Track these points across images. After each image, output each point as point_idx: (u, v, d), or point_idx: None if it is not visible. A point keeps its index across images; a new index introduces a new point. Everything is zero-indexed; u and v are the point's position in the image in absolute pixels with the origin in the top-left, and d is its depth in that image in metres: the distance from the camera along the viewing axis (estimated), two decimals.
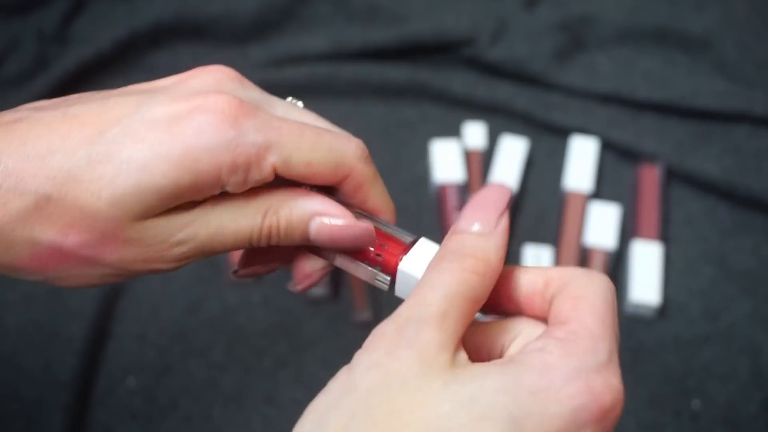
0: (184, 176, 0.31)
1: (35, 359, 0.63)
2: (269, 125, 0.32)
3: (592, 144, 0.73)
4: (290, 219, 0.34)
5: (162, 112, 0.31)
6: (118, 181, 0.30)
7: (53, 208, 0.31)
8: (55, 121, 0.32)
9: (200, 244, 0.33)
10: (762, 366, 0.62)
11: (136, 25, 0.80)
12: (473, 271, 0.29)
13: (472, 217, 0.31)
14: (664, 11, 0.81)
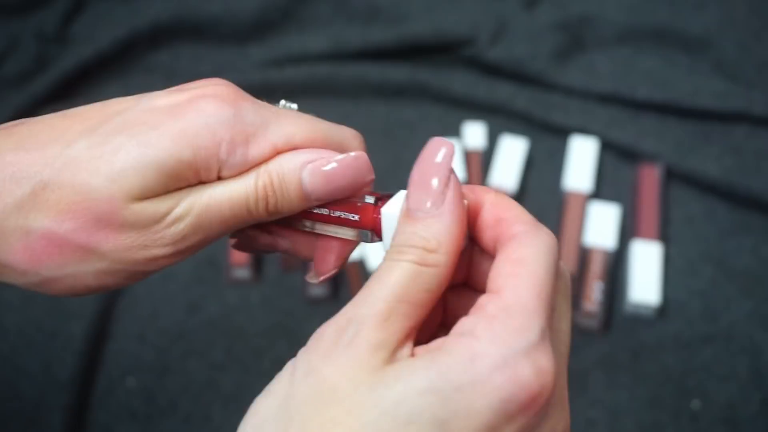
0: (184, 151, 0.31)
1: (35, 359, 0.63)
2: (268, 109, 0.33)
3: (591, 144, 0.73)
4: (282, 172, 0.33)
5: (162, 102, 0.32)
6: (118, 156, 0.31)
7: (49, 194, 0.30)
8: (56, 119, 0.32)
9: (197, 218, 0.32)
10: (761, 366, 0.62)
11: (136, 25, 0.80)
12: (424, 262, 0.28)
13: (417, 196, 0.29)
14: (663, 11, 0.81)
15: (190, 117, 0.31)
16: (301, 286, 0.67)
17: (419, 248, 0.28)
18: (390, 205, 0.32)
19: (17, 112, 0.76)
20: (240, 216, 0.33)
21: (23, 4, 0.84)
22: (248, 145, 0.32)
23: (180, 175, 0.31)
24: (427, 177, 0.29)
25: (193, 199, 0.32)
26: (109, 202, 0.30)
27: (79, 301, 0.66)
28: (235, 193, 0.33)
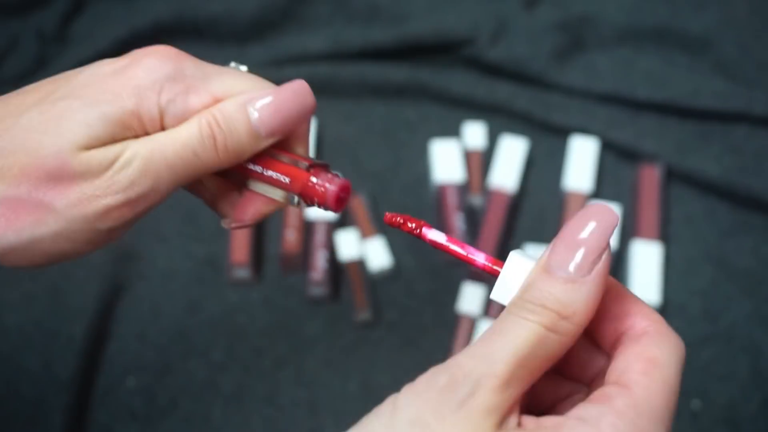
0: (126, 101, 0.33)
1: (35, 359, 0.63)
2: (210, 66, 0.35)
3: (592, 144, 0.73)
4: (226, 110, 0.34)
5: (108, 68, 0.34)
6: (65, 114, 0.32)
7: (3, 162, 0.32)
8: (10, 97, 0.34)
9: (143, 163, 0.33)
10: (762, 366, 0.62)
11: (135, 24, 0.80)
12: (554, 329, 0.27)
13: (563, 255, 0.27)
14: (663, 11, 0.81)
15: (132, 72, 0.33)
16: (301, 286, 0.67)
17: (553, 312, 0.27)
18: (522, 254, 0.30)
19: None
20: (187, 159, 0.33)
21: (23, 4, 0.84)
22: (188, 95, 0.34)
23: (124, 123, 0.33)
24: (581, 240, 0.27)
25: (139, 145, 0.33)
26: (58, 155, 0.32)
27: (79, 301, 0.66)
28: (179, 134, 0.33)
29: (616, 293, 0.29)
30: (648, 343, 0.27)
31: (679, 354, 0.28)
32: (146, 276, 0.68)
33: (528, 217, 0.71)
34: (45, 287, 0.67)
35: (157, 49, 0.35)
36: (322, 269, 0.66)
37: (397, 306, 0.67)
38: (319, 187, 0.34)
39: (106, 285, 0.67)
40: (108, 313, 0.66)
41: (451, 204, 0.69)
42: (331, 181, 0.34)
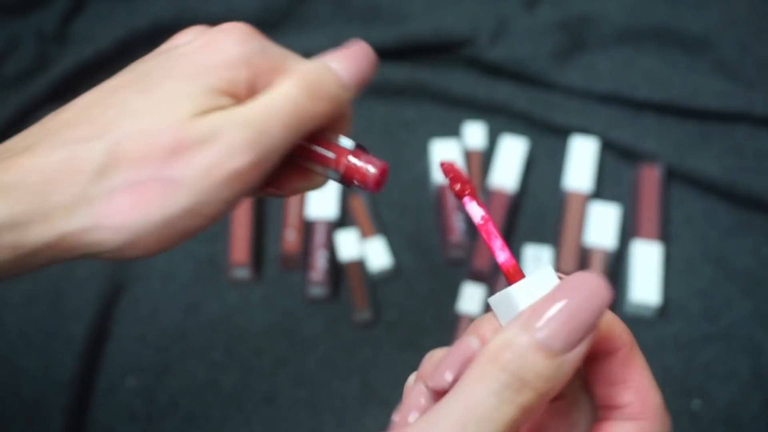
0: (222, 73, 0.33)
1: (35, 359, 0.63)
2: (284, 49, 0.37)
3: (592, 144, 0.73)
4: (309, 68, 0.36)
5: (190, 46, 0.35)
6: (171, 91, 0.33)
7: (122, 149, 0.31)
8: (104, 91, 0.34)
9: (258, 123, 0.33)
10: (762, 366, 0.62)
11: (135, 24, 0.80)
12: (529, 407, 0.25)
13: (550, 324, 0.25)
14: (664, 11, 0.81)
15: (219, 46, 0.35)
16: (301, 286, 0.67)
17: (532, 390, 0.25)
18: (530, 285, 0.28)
19: (17, 112, 0.76)
20: (294, 113, 0.34)
21: (23, 4, 0.84)
22: (273, 72, 0.35)
23: (224, 93, 0.33)
24: (578, 317, 0.25)
25: (248, 108, 0.33)
26: (172, 128, 0.32)
27: (79, 301, 0.66)
28: (280, 92, 0.34)
29: (625, 359, 0.30)
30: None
31: None
32: (146, 276, 0.68)
33: (528, 217, 0.71)
34: (45, 287, 0.67)
35: (238, 25, 0.36)
36: (322, 269, 0.66)
37: (397, 306, 0.67)
38: (361, 167, 0.36)
39: (105, 285, 0.67)
40: (108, 313, 0.66)
41: (451, 204, 0.69)
42: (371, 162, 0.36)
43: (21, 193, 0.31)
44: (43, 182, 0.31)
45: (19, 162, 0.31)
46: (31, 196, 0.31)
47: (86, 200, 0.31)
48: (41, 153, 0.32)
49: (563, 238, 0.68)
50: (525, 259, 0.66)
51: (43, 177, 0.31)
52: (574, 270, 0.66)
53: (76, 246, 0.32)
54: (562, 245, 0.67)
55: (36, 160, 0.31)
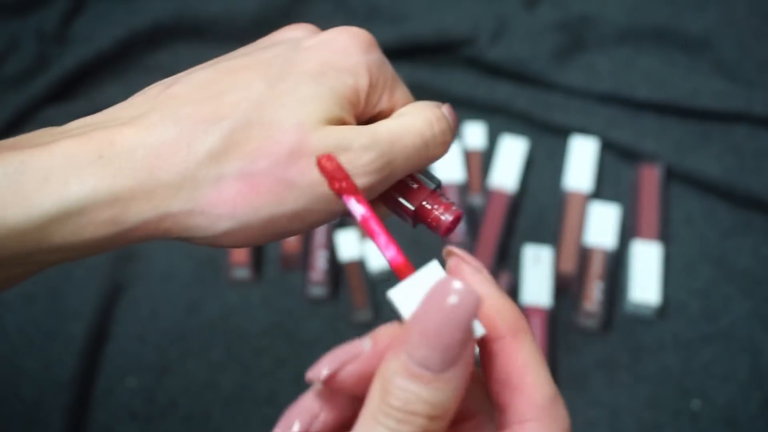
0: (348, 79, 0.32)
1: (35, 359, 0.63)
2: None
3: (592, 144, 0.73)
4: (441, 115, 0.35)
5: (312, 42, 0.34)
6: (298, 89, 0.31)
7: (239, 136, 0.30)
8: (220, 70, 0.33)
9: (386, 147, 0.31)
10: (762, 366, 0.62)
11: (135, 25, 0.80)
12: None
13: (425, 350, 0.24)
14: (663, 11, 0.81)
15: (349, 50, 0.33)
16: (301, 286, 0.67)
17: (424, 417, 0.24)
18: (416, 282, 0.27)
19: (17, 112, 0.76)
20: (419, 151, 0.33)
21: (23, 4, 0.84)
22: (387, 93, 0.34)
23: (349, 100, 0.32)
24: (446, 332, 0.23)
25: (377, 130, 0.32)
26: (298, 130, 0.30)
27: (79, 301, 0.66)
28: (413, 124, 0.33)
29: (509, 354, 0.26)
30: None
31: None
32: (146, 276, 0.68)
33: (528, 217, 0.71)
34: (45, 287, 0.67)
35: (361, 30, 0.35)
36: (321, 269, 0.66)
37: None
38: (437, 213, 0.34)
39: (105, 285, 0.67)
40: (107, 313, 0.66)
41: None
42: (448, 209, 0.34)
43: (125, 167, 0.29)
44: (150, 158, 0.29)
45: (125, 133, 0.30)
46: (136, 171, 0.29)
47: (194, 182, 0.30)
48: (151, 127, 0.30)
49: (563, 238, 0.68)
50: (525, 259, 0.66)
51: (151, 153, 0.29)
52: (573, 270, 0.66)
53: (173, 228, 0.30)
54: (562, 245, 0.67)
55: (144, 134, 0.30)
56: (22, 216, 0.28)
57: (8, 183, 0.28)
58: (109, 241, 0.30)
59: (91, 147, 0.29)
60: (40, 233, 0.28)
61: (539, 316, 0.63)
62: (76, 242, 0.29)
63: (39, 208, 0.28)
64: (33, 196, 0.28)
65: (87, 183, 0.29)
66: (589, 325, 0.64)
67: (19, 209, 0.28)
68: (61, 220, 0.28)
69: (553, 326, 0.64)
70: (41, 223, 0.28)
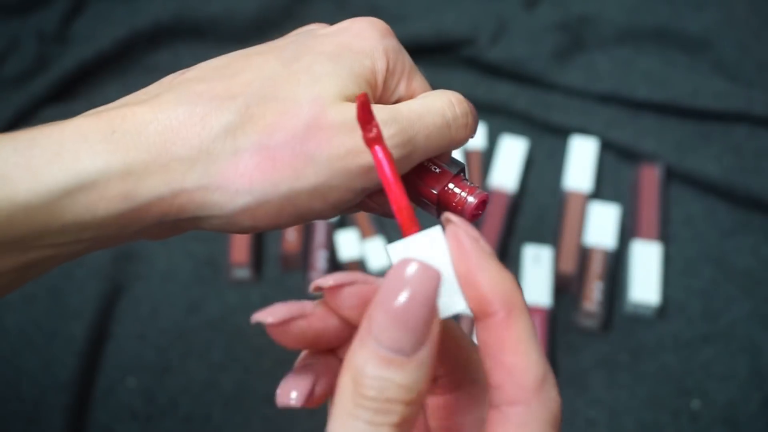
0: (365, 61, 0.32)
1: (35, 359, 0.63)
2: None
3: (591, 144, 0.73)
4: (464, 100, 0.35)
5: (327, 30, 0.34)
6: (314, 68, 0.31)
7: (254, 111, 0.30)
8: (231, 57, 0.32)
9: (406, 124, 0.31)
10: (761, 366, 0.62)
11: (135, 25, 0.80)
12: (404, 421, 0.23)
13: (394, 334, 0.23)
14: (663, 11, 0.81)
15: (362, 33, 0.34)
16: (301, 286, 0.67)
17: (401, 403, 0.23)
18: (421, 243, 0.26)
19: (17, 112, 0.76)
20: (441, 131, 0.33)
21: (23, 4, 0.84)
22: (405, 79, 0.34)
23: (367, 81, 0.32)
24: (411, 314, 0.23)
25: (398, 108, 0.32)
26: (315, 104, 0.30)
27: (79, 301, 0.66)
28: (434, 104, 0.33)
29: (492, 333, 0.25)
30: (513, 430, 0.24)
31: (552, 427, 0.24)
32: (146, 276, 0.68)
33: (528, 217, 0.71)
34: (45, 287, 0.67)
35: (376, 19, 0.35)
36: (321, 269, 0.66)
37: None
38: (460, 196, 0.33)
39: (105, 285, 0.67)
40: (108, 313, 0.66)
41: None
42: (472, 192, 0.33)
43: (138, 141, 0.28)
44: (163, 132, 0.29)
45: (137, 111, 0.29)
46: (149, 145, 0.28)
47: (210, 156, 0.29)
48: (164, 104, 0.29)
49: (563, 238, 0.68)
50: (525, 259, 0.66)
51: (165, 127, 0.29)
52: (573, 270, 0.66)
53: (188, 205, 0.29)
54: (562, 245, 0.67)
55: (158, 110, 0.29)
56: (32, 191, 0.27)
57: (17, 159, 0.27)
58: (121, 219, 0.29)
59: (103, 124, 0.29)
60: (51, 209, 0.27)
61: (539, 316, 0.63)
62: (88, 220, 0.28)
63: (49, 182, 0.27)
64: (43, 171, 0.27)
65: (99, 157, 0.28)
66: (589, 325, 0.64)
67: (29, 184, 0.27)
68: (72, 195, 0.28)
69: (553, 326, 0.64)
70: (52, 198, 0.27)
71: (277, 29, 0.82)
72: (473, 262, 0.25)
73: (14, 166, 0.27)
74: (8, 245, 0.27)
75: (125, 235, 0.30)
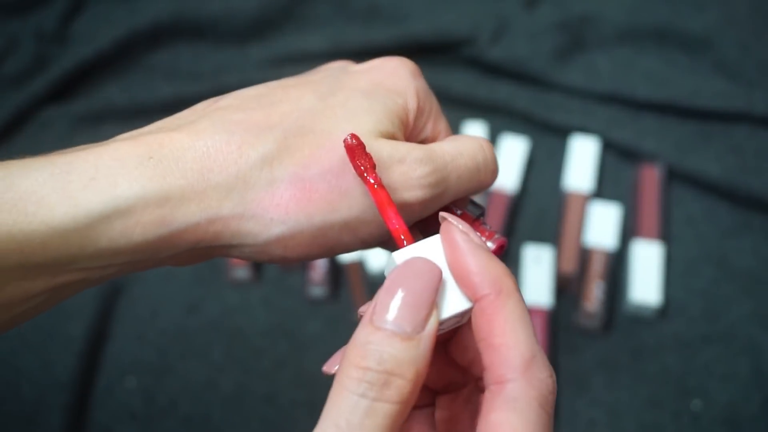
0: (398, 99, 0.33)
1: (35, 359, 0.63)
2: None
3: (592, 144, 0.73)
4: (488, 145, 0.35)
5: (359, 67, 0.35)
6: (349, 103, 0.31)
7: (291, 142, 0.30)
8: (263, 89, 0.33)
9: (439, 164, 0.32)
10: (762, 366, 0.62)
11: (135, 24, 0.80)
12: (400, 399, 0.24)
13: (397, 311, 0.25)
14: (664, 11, 0.81)
15: (399, 72, 0.34)
16: (301, 286, 0.67)
17: (400, 378, 0.25)
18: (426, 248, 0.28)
19: (17, 111, 0.76)
20: (471, 173, 0.33)
21: (22, 4, 0.84)
22: (433, 121, 0.34)
23: (400, 119, 0.32)
24: (418, 289, 0.26)
25: (428, 146, 0.32)
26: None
27: (79, 301, 0.66)
28: (465, 147, 0.33)
29: (485, 312, 0.27)
30: (504, 408, 0.25)
31: (542, 408, 0.25)
32: (146, 276, 0.68)
33: (528, 217, 0.71)
34: None
35: (406, 60, 0.35)
36: (321, 269, 0.66)
37: None
38: None
39: (105, 285, 0.66)
40: (107, 313, 0.66)
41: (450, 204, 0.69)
42: (490, 237, 0.34)
43: (176, 167, 0.29)
44: (201, 159, 0.29)
45: (175, 137, 0.29)
46: (186, 172, 0.29)
47: (246, 185, 0.29)
48: (202, 131, 0.30)
49: (563, 238, 0.68)
50: (525, 259, 0.66)
51: (202, 154, 0.29)
52: (573, 270, 0.66)
53: (223, 232, 0.30)
54: (563, 245, 0.67)
55: (195, 137, 0.29)
56: (69, 216, 0.27)
57: (54, 183, 0.27)
58: (155, 244, 0.29)
59: (141, 149, 0.29)
60: (87, 234, 0.27)
61: (539, 317, 0.63)
62: (123, 245, 0.28)
63: (86, 207, 0.27)
64: (79, 195, 0.27)
65: (136, 182, 0.28)
66: (589, 325, 0.64)
67: (65, 208, 0.27)
68: (108, 220, 0.28)
69: (554, 326, 0.64)
70: (88, 222, 0.27)
71: (277, 29, 0.82)
72: (463, 250, 0.27)
73: (51, 190, 0.27)
74: (41, 268, 0.28)
75: (155, 260, 0.30)
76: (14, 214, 0.26)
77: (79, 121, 0.76)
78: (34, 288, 0.29)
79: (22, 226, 0.27)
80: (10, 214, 0.26)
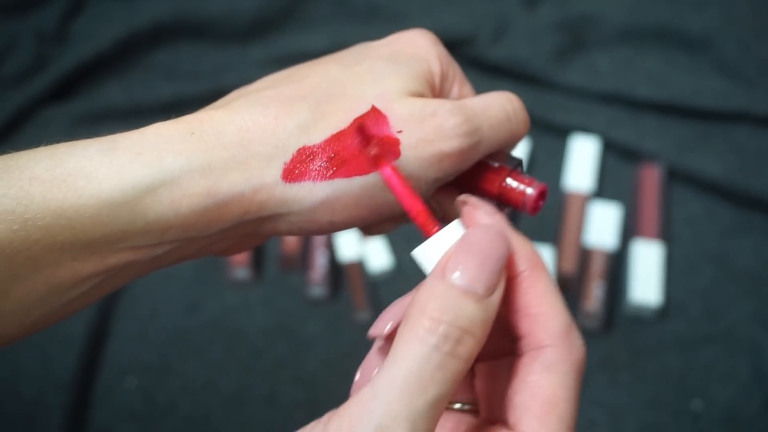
0: (423, 64, 0.33)
1: (34, 359, 0.63)
2: None
3: (592, 144, 0.73)
4: (517, 99, 0.37)
5: (381, 41, 0.35)
6: (375, 68, 0.32)
7: (324, 108, 0.31)
8: (292, 70, 0.34)
9: (471, 115, 0.32)
10: (763, 366, 0.62)
11: (135, 24, 0.80)
12: (468, 358, 0.25)
13: (468, 271, 0.26)
14: (664, 11, 0.81)
15: (415, 41, 0.35)
16: (300, 286, 0.67)
17: (471, 336, 0.25)
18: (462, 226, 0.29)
19: (17, 111, 0.76)
20: (503, 123, 0.34)
21: (22, 4, 0.84)
22: (456, 84, 0.36)
23: (427, 81, 0.33)
24: (492, 252, 0.26)
25: (458, 101, 0.33)
26: (381, 98, 0.31)
27: None
28: (494, 99, 0.35)
29: (529, 285, 0.28)
30: (545, 374, 0.26)
31: (577, 374, 0.26)
32: (146, 276, 0.68)
33: (528, 216, 0.71)
34: None
35: (425, 30, 0.36)
36: (321, 269, 0.66)
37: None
38: (519, 188, 0.34)
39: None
40: (108, 313, 0.66)
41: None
42: (530, 184, 0.34)
43: (217, 141, 0.29)
44: (240, 132, 0.30)
45: (213, 114, 0.30)
46: (228, 143, 0.30)
47: (286, 152, 0.30)
48: (238, 108, 0.31)
49: (563, 238, 0.68)
50: None
51: (241, 128, 0.30)
52: (573, 270, 0.66)
53: (269, 200, 0.30)
54: (563, 245, 0.67)
55: (233, 113, 0.30)
56: (117, 188, 0.28)
57: (101, 158, 0.28)
58: (204, 217, 0.29)
59: (182, 126, 0.30)
60: (135, 207, 0.28)
61: None
62: (171, 218, 0.29)
63: (133, 179, 0.28)
64: (127, 169, 0.28)
65: (181, 155, 0.29)
66: (589, 325, 0.64)
67: (113, 182, 0.28)
68: (155, 192, 0.28)
69: None
70: (135, 195, 0.28)
71: (277, 29, 0.82)
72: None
73: (99, 164, 0.28)
74: (91, 247, 0.28)
75: (205, 242, 0.31)
76: (64, 189, 0.27)
77: (79, 121, 0.76)
78: (84, 269, 0.29)
79: (72, 201, 0.27)
80: (60, 190, 0.27)
